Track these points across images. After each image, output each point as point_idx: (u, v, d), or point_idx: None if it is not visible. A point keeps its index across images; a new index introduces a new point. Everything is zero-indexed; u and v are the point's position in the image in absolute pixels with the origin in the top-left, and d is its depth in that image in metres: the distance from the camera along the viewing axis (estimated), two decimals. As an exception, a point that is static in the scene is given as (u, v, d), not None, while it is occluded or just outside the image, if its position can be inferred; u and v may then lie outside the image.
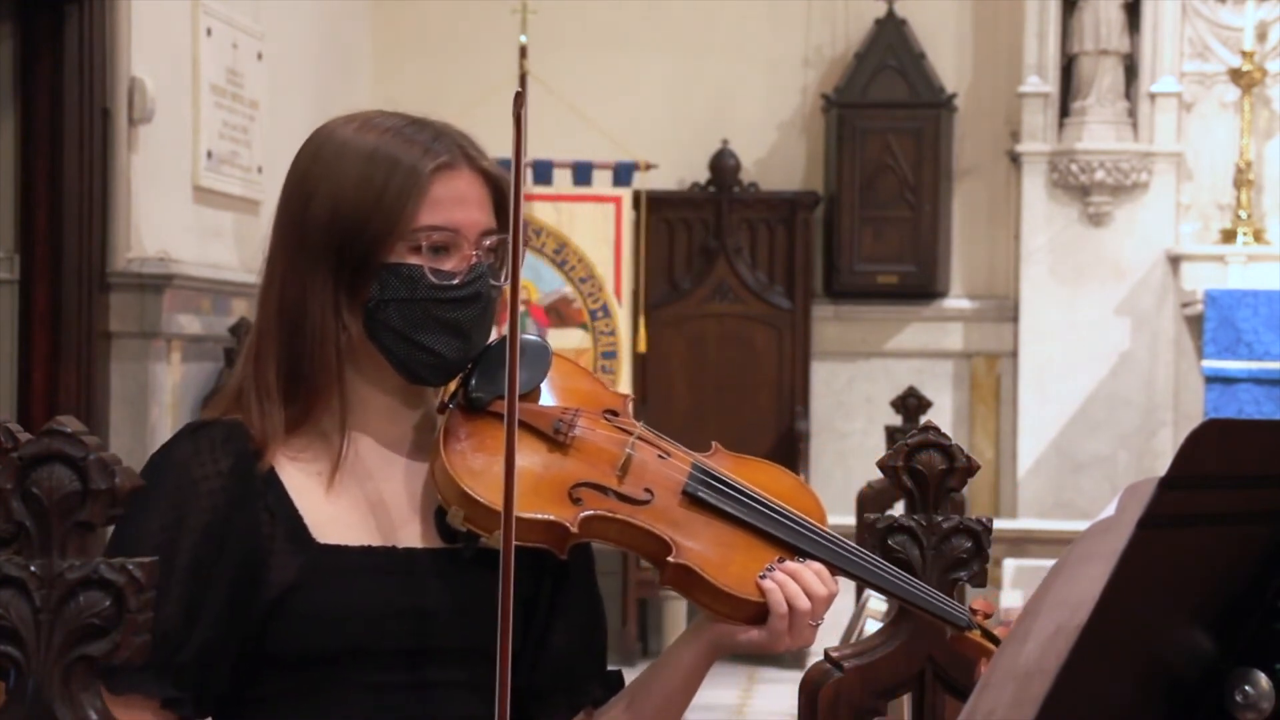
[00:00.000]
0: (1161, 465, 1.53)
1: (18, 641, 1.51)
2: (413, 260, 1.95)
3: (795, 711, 2.14)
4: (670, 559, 1.94)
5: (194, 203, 7.05)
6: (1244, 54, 8.47)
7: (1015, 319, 8.83)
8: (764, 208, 9.04)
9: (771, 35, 9.12)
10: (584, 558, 2.09)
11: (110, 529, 1.64)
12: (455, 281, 1.95)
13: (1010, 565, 7.55)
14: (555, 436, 1.98)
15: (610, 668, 2.14)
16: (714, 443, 2.10)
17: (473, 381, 1.98)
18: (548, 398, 2.03)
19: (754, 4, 9.12)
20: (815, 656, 2.19)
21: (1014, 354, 8.84)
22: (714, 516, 1.98)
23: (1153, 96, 8.61)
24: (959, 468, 2.15)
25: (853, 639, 3.57)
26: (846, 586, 2.07)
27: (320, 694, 1.94)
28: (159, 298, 6.41)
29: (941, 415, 8.57)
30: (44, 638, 1.51)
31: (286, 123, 7.81)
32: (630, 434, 2.01)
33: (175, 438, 1.99)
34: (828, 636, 2.25)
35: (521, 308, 1.98)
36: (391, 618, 1.95)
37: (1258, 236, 8.57)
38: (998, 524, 2.06)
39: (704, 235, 9.04)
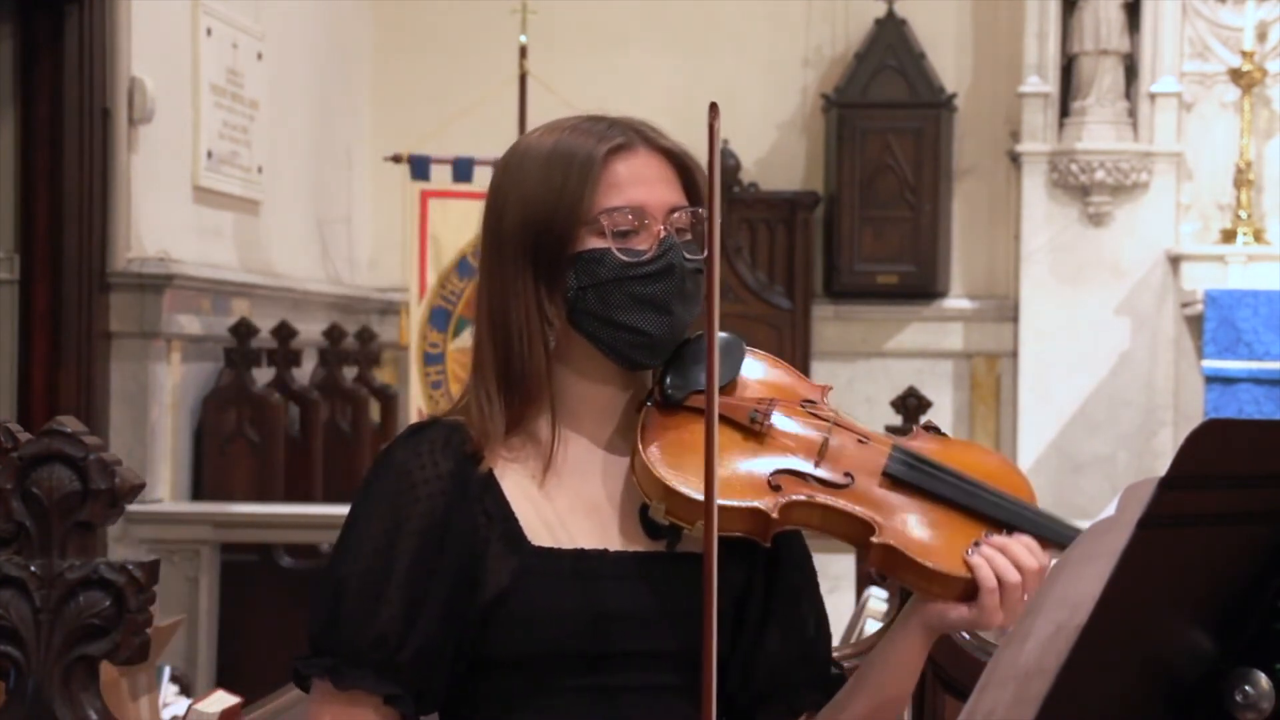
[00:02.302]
0: (1161, 465, 1.53)
1: (18, 641, 1.51)
2: (599, 244, 1.98)
3: (795, 711, 2.13)
4: (874, 540, 1.94)
5: (194, 203, 7.05)
6: (1244, 54, 8.47)
7: (1015, 319, 8.82)
8: (764, 208, 9.03)
9: (771, 35, 9.11)
10: (801, 563, 2.09)
11: (109, 528, 1.64)
12: (646, 257, 1.97)
13: (1010, 565, 7.54)
14: (752, 426, 1.99)
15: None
16: (915, 426, 2.11)
17: (667, 379, 2.01)
18: (744, 391, 2.05)
19: (754, 4, 9.12)
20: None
21: (1014, 354, 8.84)
22: (917, 496, 1.98)
23: (1153, 96, 8.60)
24: (959, 468, 2.15)
25: (853, 639, 3.56)
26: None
27: (534, 696, 1.96)
28: (159, 298, 6.41)
29: (941, 415, 8.56)
30: (44, 638, 1.50)
31: (286, 123, 7.81)
32: (827, 421, 2.03)
33: (397, 439, 2.02)
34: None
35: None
36: (602, 621, 1.96)
37: (1258, 236, 8.56)
38: (998, 524, 2.05)
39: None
